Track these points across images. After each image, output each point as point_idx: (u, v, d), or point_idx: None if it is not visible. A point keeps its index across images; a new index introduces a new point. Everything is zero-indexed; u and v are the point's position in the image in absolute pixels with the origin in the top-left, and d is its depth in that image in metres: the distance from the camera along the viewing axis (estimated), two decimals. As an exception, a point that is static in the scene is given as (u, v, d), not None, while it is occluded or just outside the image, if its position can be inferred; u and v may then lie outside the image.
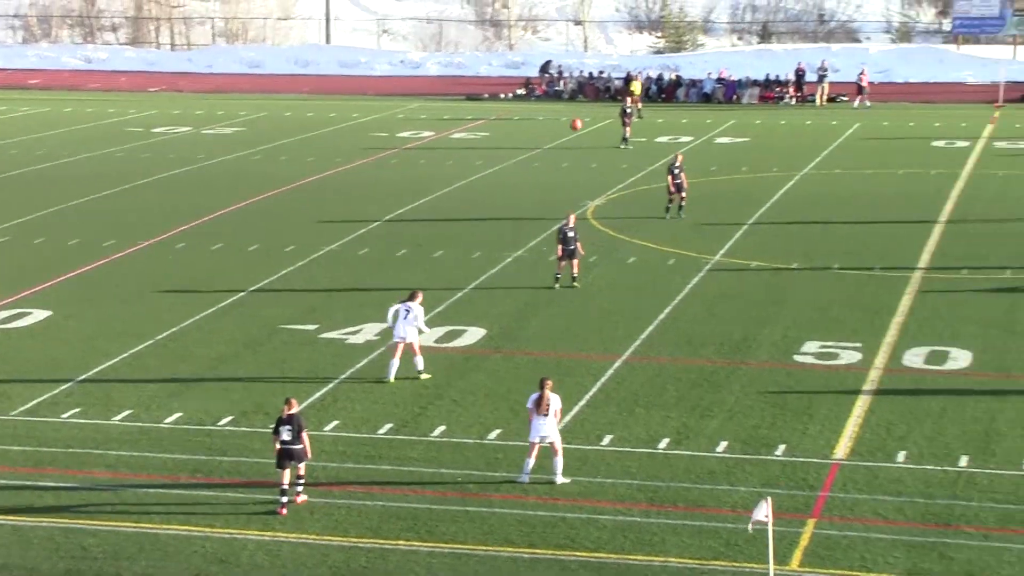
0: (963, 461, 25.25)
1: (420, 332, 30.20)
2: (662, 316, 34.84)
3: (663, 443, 26.36)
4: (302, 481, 23.88)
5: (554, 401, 24.47)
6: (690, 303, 36.09)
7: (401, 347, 29.96)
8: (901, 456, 25.56)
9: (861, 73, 79.16)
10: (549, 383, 24.67)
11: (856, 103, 77.68)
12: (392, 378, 29.79)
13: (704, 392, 29.21)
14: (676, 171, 46.19)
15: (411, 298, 30.36)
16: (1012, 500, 23.52)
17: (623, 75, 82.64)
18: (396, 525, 22.88)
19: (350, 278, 39.12)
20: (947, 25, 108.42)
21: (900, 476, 24.64)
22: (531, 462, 24.54)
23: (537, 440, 24.42)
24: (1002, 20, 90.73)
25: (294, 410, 23.93)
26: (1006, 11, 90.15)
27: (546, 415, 24.36)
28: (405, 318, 29.90)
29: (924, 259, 40.56)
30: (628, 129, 62.79)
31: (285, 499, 23.47)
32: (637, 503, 23.68)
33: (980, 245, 42.25)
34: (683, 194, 46.07)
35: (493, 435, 26.89)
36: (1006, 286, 37.26)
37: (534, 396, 24.57)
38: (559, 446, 24.52)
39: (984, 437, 26.43)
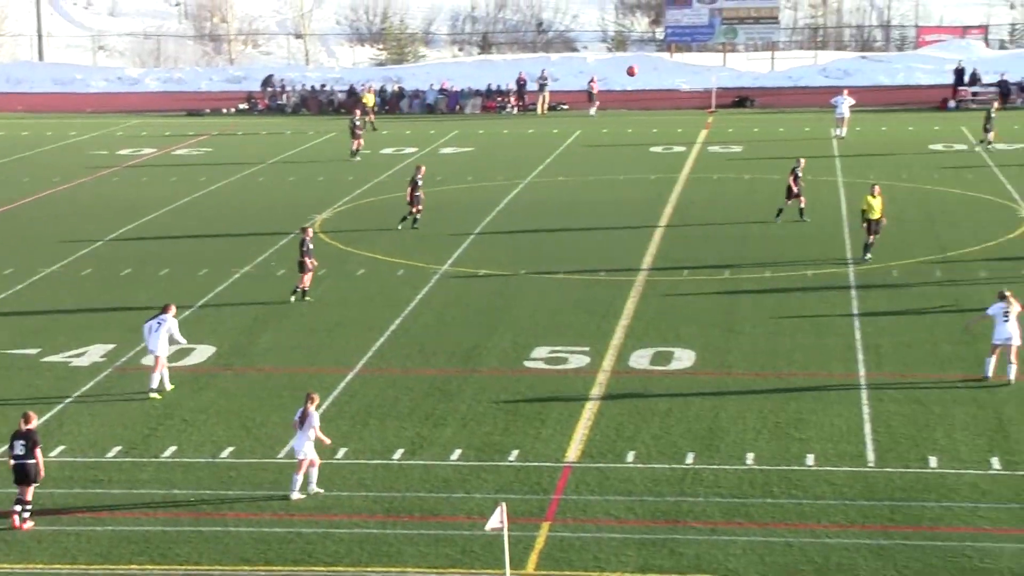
0: (689, 458, 25.96)
1: (174, 343, 30.24)
2: (393, 327, 34.91)
3: (397, 454, 26.42)
4: (29, 507, 23.21)
5: (314, 418, 24.41)
6: (421, 313, 36.26)
7: (157, 361, 29.69)
8: (630, 456, 26.13)
9: (591, 81, 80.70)
10: (314, 398, 24.73)
11: (592, 111, 79.09)
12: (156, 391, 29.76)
13: (437, 401, 29.38)
14: (419, 182, 46.42)
15: (163, 311, 30.22)
16: (736, 494, 24.27)
17: (346, 88, 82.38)
18: (128, 549, 22.41)
19: (73, 299, 38.16)
20: (660, 34, 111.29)
21: (630, 476, 25.19)
22: (298, 478, 24.39)
23: (301, 456, 24.36)
24: (711, 29, 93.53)
25: (31, 424, 23.36)
26: (715, 20, 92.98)
27: (304, 430, 24.33)
28: (156, 331, 29.71)
29: (647, 262, 41.54)
30: (358, 142, 62.70)
31: (19, 509, 22.97)
32: (373, 515, 23.68)
33: (699, 247, 43.48)
34: (419, 207, 46.22)
35: (225, 453, 26.56)
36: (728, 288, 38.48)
37: (299, 411, 24.54)
38: (316, 461, 24.54)
39: (708, 434, 27.22)
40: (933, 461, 25.48)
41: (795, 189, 46.65)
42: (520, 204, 51.60)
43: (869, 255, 40.96)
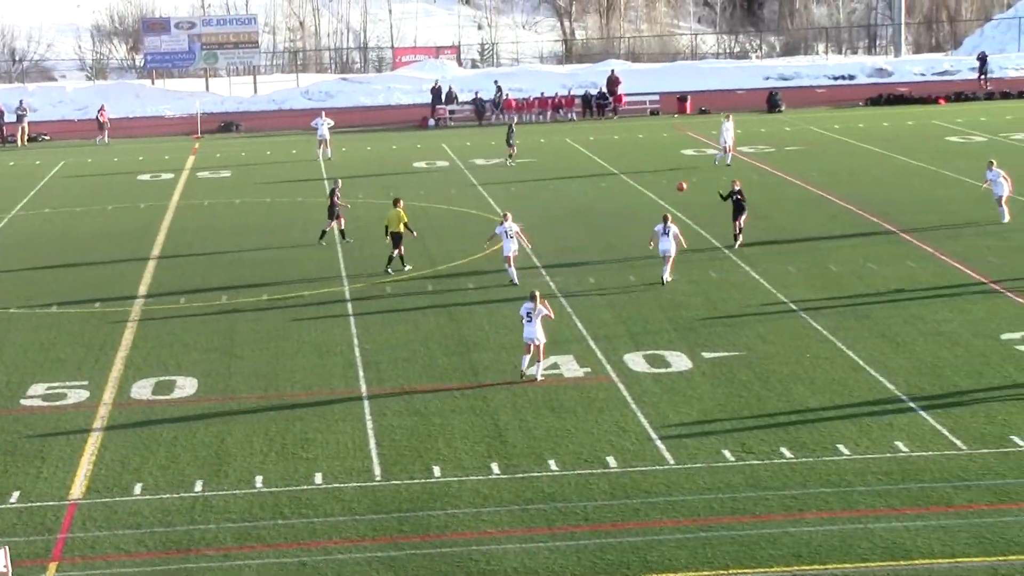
0: (198, 486, 25.80)
1: None
2: None
3: None
4: None
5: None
6: (-97, 357, 34.43)
7: None
8: (138, 488, 25.73)
9: (101, 110, 78.54)
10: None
11: (101, 139, 76.89)
12: None
13: (-73, 448, 28.01)
14: None
15: None
16: (247, 518, 24.31)
17: None
18: None
19: None
20: (140, 61, 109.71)
21: (139, 508, 24.81)
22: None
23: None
24: (192, 54, 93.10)
25: None
26: (194, 46, 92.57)
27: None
28: None
29: (142, 291, 40.93)
30: None
31: None
32: None
33: (194, 274, 43.19)
34: None
35: None
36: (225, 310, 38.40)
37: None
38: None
39: (216, 460, 27.13)
40: (437, 470, 26.30)
41: (337, 209, 47.19)
42: (6, 239, 49.79)
43: (391, 269, 42.18)
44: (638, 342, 34.29)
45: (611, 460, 26.51)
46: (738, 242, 43.85)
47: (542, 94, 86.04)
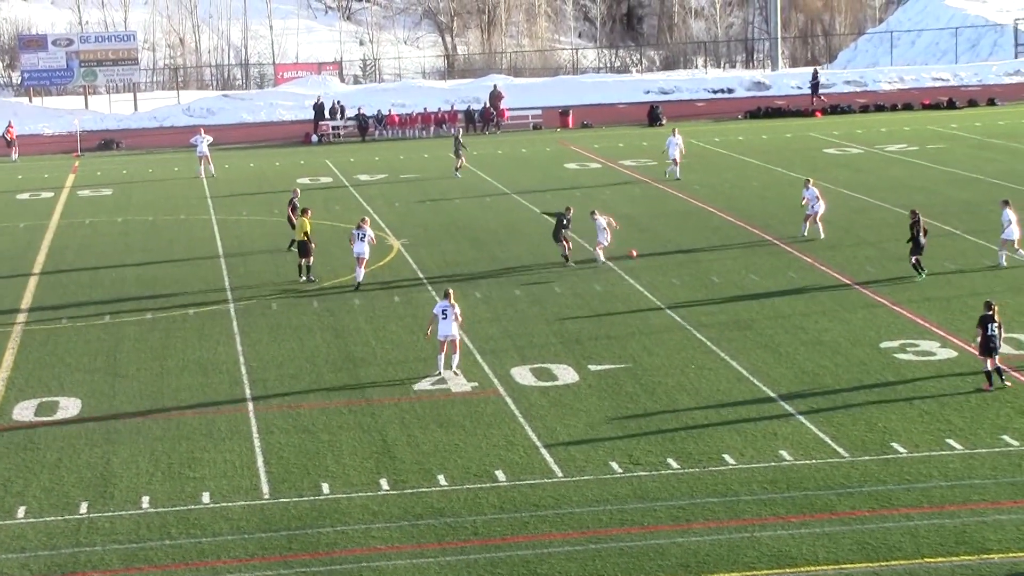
0: (83, 507, 25.50)
1: None
2: None
3: None
4: None
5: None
6: None
7: None
8: (21, 512, 25.38)
9: (8, 127, 77.15)
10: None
11: (13, 156, 75.61)
12: None
13: None
14: None
15: None
16: (134, 539, 24.07)
17: None
18: None
19: None
20: (17, 78, 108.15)
21: (22, 532, 24.47)
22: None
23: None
24: (71, 72, 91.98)
25: None
26: (73, 63, 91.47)
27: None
28: None
29: (23, 313, 40.35)
30: None
31: None
32: None
33: (77, 293, 42.66)
34: None
35: None
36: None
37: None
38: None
39: (101, 481, 26.83)
40: (325, 487, 26.23)
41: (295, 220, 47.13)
42: None
43: (304, 278, 42.77)
44: (525, 356, 34.45)
45: (500, 474, 26.61)
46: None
47: (425, 109, 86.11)
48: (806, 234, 46.75)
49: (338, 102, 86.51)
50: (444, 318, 32.50)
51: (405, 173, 66.37)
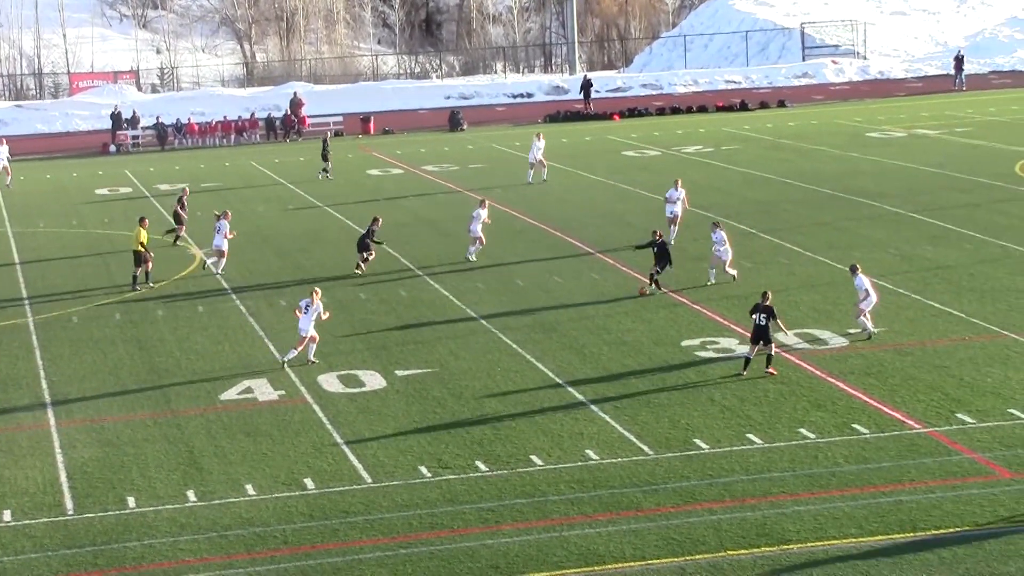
0: None
1: None
2: None
3: None
4: None
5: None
6: None
7: None
8: None
9: None
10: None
11: None
12: None
13: None
14: None
15: None
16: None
17: None
18: None
19: None
20: None
21: None
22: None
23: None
24: None
25: None
26: None
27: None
28: None
29: None
30: None
31: None
32: None
33: None
34: None
35: None
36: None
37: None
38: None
39: None
40: (131, 501, 25.86)
41: (183, 216, 48.85)
42: None
43: (137, 287, 42.80)
44: (331, 363, 34.37)
45: (308, 482, 26.53)
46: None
47: (225, 118, 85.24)
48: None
49: (134, 111, 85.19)
50: (305, 313, 33.75)
51: (206, 182, 65.63)
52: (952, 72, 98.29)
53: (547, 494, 25.52)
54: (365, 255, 43.85)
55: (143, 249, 42.74)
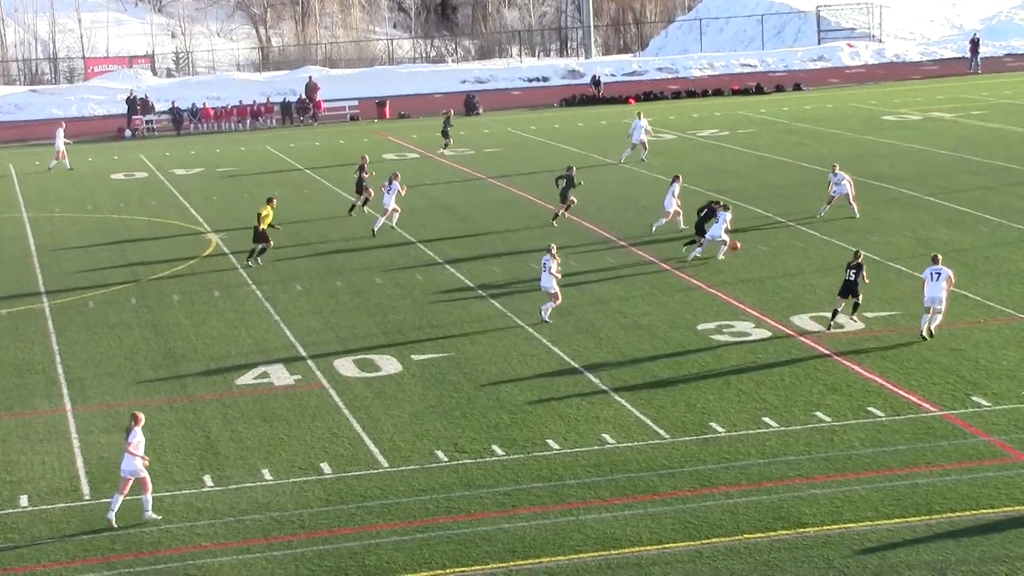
0: None
1: None
2: None
3: None
4: None
5: (133, 436, 24.31)
6: None
7: None
8: None
9: None
10: (139, 419, 24.47)
11: None
12: None
13: None
14: None
15: None
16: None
17: None
18: None
19: None
20: None
21: None
22: (120, 498, 24.12)
23: (129, 476, 24.19)
24: None
25: None
26: None
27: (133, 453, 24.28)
28: None
29: None
30: None
31: None
32: None
33: None
34: None
35: None
36: None
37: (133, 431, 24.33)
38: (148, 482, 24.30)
39: (-85, 488, 26.22)
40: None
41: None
42: None
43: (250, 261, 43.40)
44: (347, 347, 34.41)
45: (325, 466, 26.57)
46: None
47: (240, 102, 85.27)
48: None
49: (147, 96, 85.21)
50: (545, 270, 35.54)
51: (222, 166, 65.71)
52: (968, 55, 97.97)
53: (564, 478, 25.53)
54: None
55: (266, 227, 43.39)
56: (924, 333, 32.80)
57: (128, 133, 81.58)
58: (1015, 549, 21.82)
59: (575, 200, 47.77)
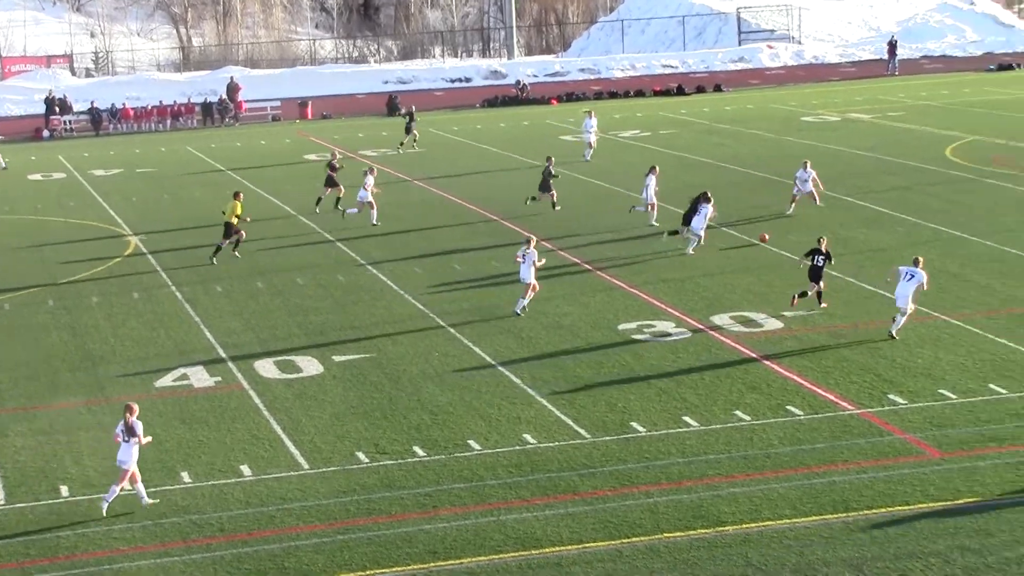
0: None
1: None
2: None
3: None
4: None
5: (137, 427, 24.56)
6: None
7: None
8: None
9: None
10: (134, 409, 24.81)
11: None
12: None
13: None
14: None
15: None
16: None
17: None
18: None
19: None
20: None
21: None
22: (116, 489, 24.39)
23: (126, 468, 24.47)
24: None
25: None
26: None
27: (127, 442, 24.48)
28: None
29: None
30: None
31: None
32: None
33: None
34: None
35: None
36: None
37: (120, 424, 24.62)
38: (137, 474, 24.64)
39: None
40: (64, 490, 25.66)
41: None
42: None
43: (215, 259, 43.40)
44: (268, 349, 34.24)
45: (245, 468, 26.43)
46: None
47: (160, 102, 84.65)
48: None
49: (65, 95, 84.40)
50: (522, 262, 36.00)
51: (141, 167, 65.21)
52: (885, 57, 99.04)
53: (485, 478, 25.54)
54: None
55: (236, 221, 43.43)
56: (893, 332, 33.13)
57: (46, 133, 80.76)
58: (930, 545, 22.08)
59: (555, 192, 49.55)
